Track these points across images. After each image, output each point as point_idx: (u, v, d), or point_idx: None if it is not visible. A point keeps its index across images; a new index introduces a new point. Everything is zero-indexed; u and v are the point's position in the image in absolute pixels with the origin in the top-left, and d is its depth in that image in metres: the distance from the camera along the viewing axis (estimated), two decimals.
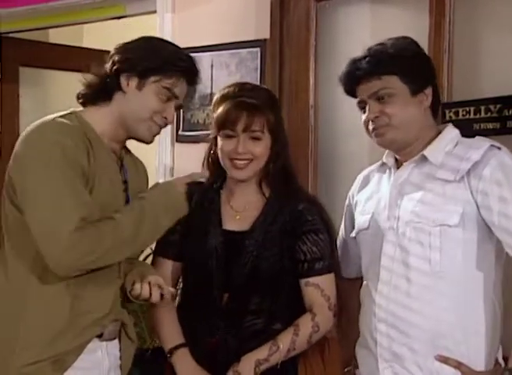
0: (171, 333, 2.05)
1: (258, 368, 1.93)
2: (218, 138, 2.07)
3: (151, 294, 1.86)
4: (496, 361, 1.90)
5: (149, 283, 1.87)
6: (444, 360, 1.85)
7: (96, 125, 1.91)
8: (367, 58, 1.91)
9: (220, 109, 2.04)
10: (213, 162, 2.12)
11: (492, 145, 1.86)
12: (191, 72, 1.95)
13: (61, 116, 1.88)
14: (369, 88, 1.92)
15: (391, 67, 1.90)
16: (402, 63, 1.90)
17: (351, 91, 1.97)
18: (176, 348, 2.02)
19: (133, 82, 1.89)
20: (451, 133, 1.96)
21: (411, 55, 1.93)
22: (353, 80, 1.95)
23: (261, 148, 2.02)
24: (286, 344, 1.95)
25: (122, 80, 1.89)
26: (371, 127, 1.93)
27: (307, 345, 2.00)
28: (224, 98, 2.06)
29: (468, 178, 1.83)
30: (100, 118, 1.92)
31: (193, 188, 2.08)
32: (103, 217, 1.81)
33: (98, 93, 1.93)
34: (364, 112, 1.95)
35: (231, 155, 2.02)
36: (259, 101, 2.03)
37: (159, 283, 1.87)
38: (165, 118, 1.94)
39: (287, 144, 2.12)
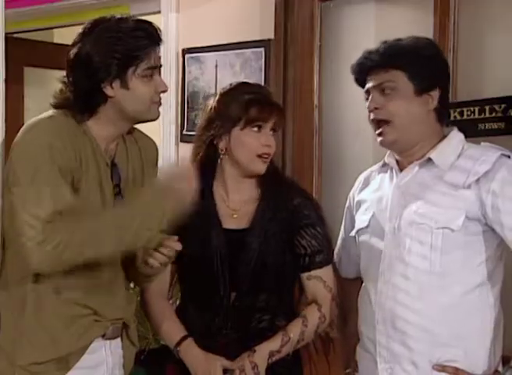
0: (173, 327, 2.05)
1: (271, 359, 1.97)
2: (240, 134, 2.02)
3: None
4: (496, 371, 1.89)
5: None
6: (441, 369, 1.85)
7: (89, 127, 1.90)
8: (379, 51, 1.94)
9: (240, 104, 2.02)
10: (205, 163, 2.08)
11: (502, 154, 1.86)
12: (154, 39, 1.88)
13: (54, 116, 1.90)
14: (375, 79, 1.93)
15: (399, 62, 1.91)
16: (411, 60, 1.91)
17: (361, 81, 1.99)
18: (182, 339, 2.02)
19: (117, 84, 1.85)
20: (456, 137, 1.95)
21: (423, 54, 1.93)
22: (363, 71, 1.97)
23: (275, 145, 2.07)
24: (296, 335, 1.99)
25: (106, 88, 1.85)
26: (371, 118, 1.94)
27: (314, 336, 2.07)
28: (239, 93, 2.05)
29: (478, 184, 1.83)
30: (92, 122, 1.90)
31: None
32: (84, 213, 1.79)
33: (83, 110, 1.89)
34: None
35: (262, 149, 2.02)
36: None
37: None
38: (161, 91, 1.91)
39: None
